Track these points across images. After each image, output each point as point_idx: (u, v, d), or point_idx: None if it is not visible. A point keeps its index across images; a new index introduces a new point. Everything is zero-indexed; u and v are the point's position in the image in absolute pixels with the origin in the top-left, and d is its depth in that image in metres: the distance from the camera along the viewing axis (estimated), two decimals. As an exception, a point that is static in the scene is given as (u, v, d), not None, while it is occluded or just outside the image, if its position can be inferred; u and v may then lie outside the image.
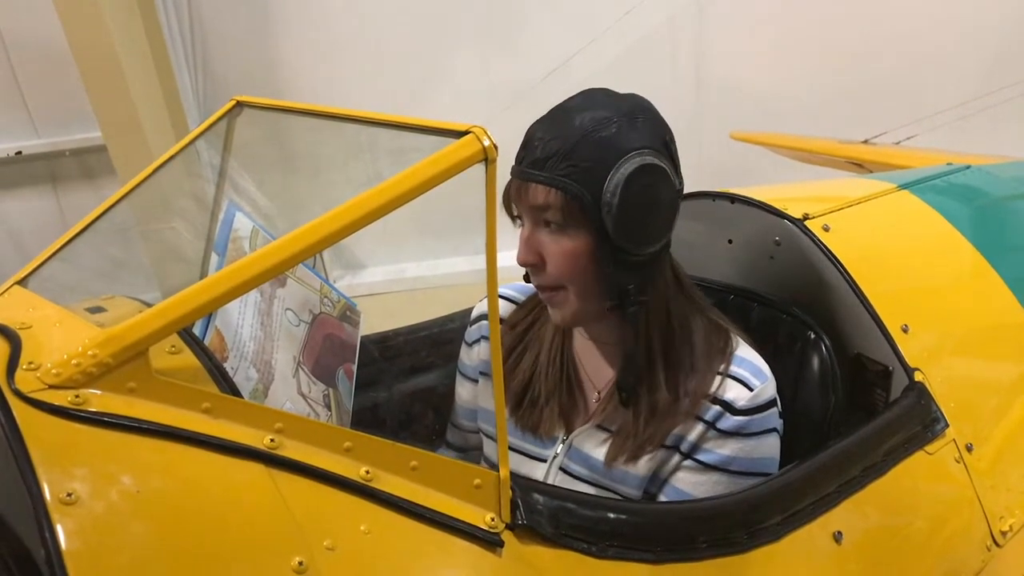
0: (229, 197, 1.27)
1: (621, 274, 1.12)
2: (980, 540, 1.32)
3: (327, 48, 4.40)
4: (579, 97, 1.14)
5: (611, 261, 1.11)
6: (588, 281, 1.14)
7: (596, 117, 1.08)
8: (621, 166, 1.06)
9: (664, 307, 1.19)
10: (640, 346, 1.18)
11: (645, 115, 1.11)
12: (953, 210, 1.69)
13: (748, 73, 4.40)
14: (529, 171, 1.10)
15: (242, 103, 1.25)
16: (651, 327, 1.18)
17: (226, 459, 0.78)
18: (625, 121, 1.09)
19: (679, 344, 1.19)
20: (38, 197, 4.53)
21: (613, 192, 1.06)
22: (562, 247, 1.11)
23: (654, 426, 1.17)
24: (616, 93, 1.15)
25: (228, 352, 1.03)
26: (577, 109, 1.11)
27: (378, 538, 0.82)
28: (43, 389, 0.76)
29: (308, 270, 1.32)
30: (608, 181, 1.06)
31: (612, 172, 1.06)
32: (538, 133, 1.11)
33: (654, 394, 1.18)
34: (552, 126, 1.10)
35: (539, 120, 1.14)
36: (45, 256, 1.11)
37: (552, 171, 1.07)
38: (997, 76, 3.84)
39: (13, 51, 4.15)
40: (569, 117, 1.10)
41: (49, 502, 0.68)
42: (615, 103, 1.11)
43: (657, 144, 1.10)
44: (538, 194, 1.09)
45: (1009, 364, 1.57)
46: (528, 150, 1.11)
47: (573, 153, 1.06)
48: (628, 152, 1.07)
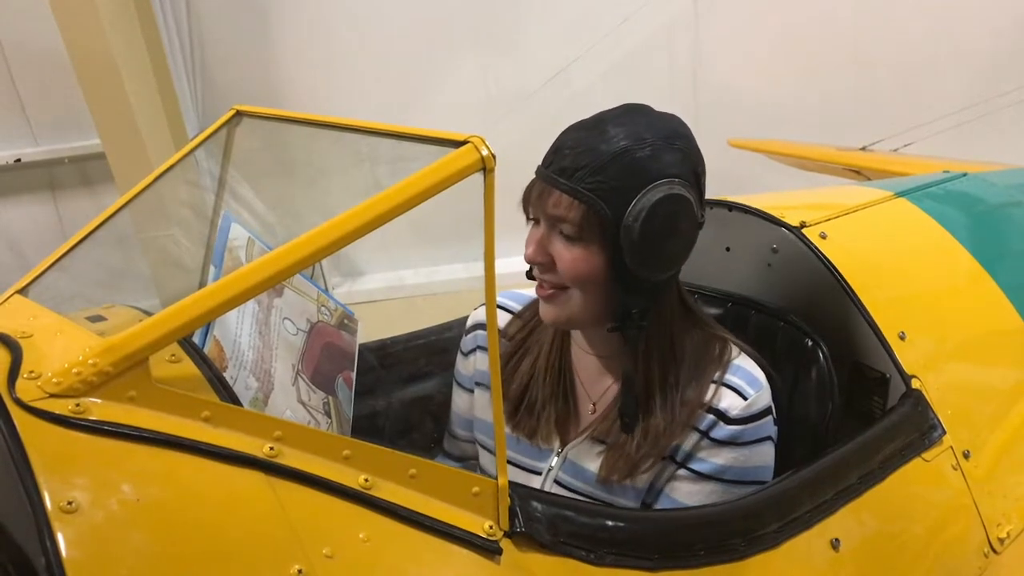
0: (226, 206, 1.27)
1: (628, 296, 1.12)
2: (977, 547, 1.32)
3: (326, 57, 4.41)
4: (619, 110, 1.12)
5: (619, 282, 1.11)
6: (592, 294, 1.13)
7: (633, 135, 1.06)
8: (649, 192, 1.05)
9: (667, 333, 1.18)
10: (639, 371, 1.17)
11: (682, 141, 1.10)
12: (950, 217, 1.69)
13: (746, 80, 4.41)
14: (555, 177, 1.08)
15: (242, 112, 1.25)
16: (651, 351, 1.17)
17: (225, 467, 0.78)
18: (662, 144, 1.07)
19: (678, 367, 1.18)
20: (37, 205, 4.53)
21: (636, 216, 1.05)
22: (574, 255, 1.10)
23: (648, 447, 1.16)
24: (657, 113, 1.13)
25: (227, 362, 1.04)
26: (615, 123, 1.09)
27: (377, 546, 0.82)
28: (44, 398, 0.76)
29: (305, 279, 1.33)
30: (633, 205, 1.05)
31: (639, 196, 1.05)
32: (570, 140, 1.09)
33: (649, 418, 1.17)
34: (586, 136, 1.08)
35: (574, 126, 1.12)
36: (46, 265, 1.11)
37: (579, 183, 1.06)
38: (994, 83, 3.85)
39: (12, 59, 4.15)
40: (606, 130, 1.08)
41: (50, 510, 0.68)
42: (655, 124, 1.09)
43: (688, 174, 1.09)
44: (560, 202, 1.08)
45: (1006, 371, 1.58)
46: (558, 155, 1.09)
47: (604, 169, 1.05)
48: (659, 178, 1.05)
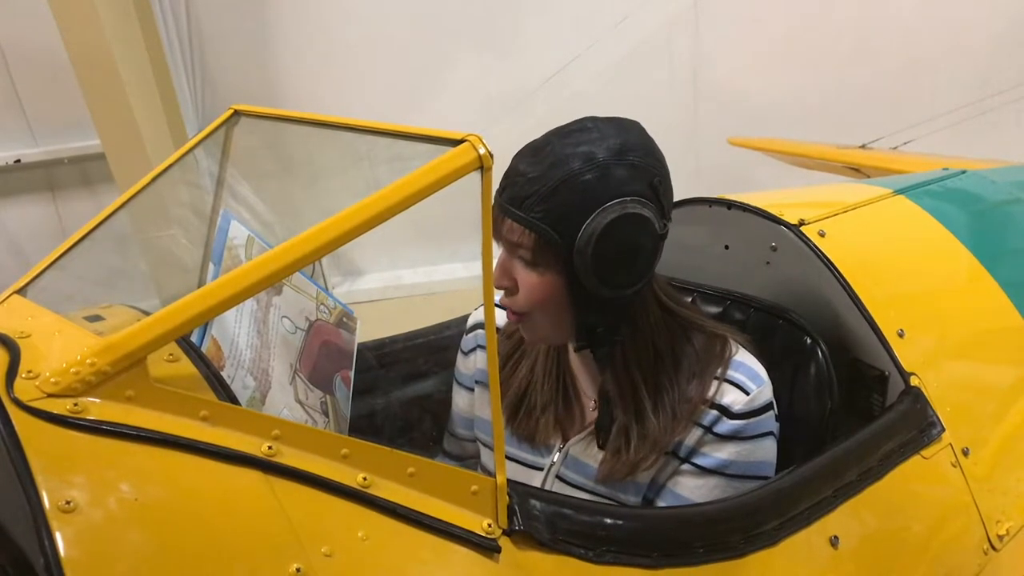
0: (226, 205, 1.27)
1: (590, 315, 1.12)
2: (977, 544, 1.32)
3: (325, 56, 4.41)
4: (570, 127, 1.10)
5: (581, 302, 1.10)
6: (557, 315, 1.13)
7: (582, 156, 1.04)
8: (599, 215, 1.03)
9: (648, 343, 1.17)
10: (621, 383, 1.17)
11: (636, 153, 1.07)
12: (949, 215, 1.69)
13: (745, 79, 4.40)
14: (507, 206, 1.08)
15: (240, 112, 1.25)
16: (629, 364, 1.17)
17: (224, 466, 0.78)
18: (613, 162, 1.05)
19: (669, 371, 1.18)
20: (37, 205, 4.53)
21: (587, 241, 1.04)
22: (532, 280, 1.10)
23: (646, 449, 1.16)
24: (609, 125, 1.10)
25: (224, 361, 1.03)
26: (563, 144, 1.07)
27: (376, 544, 0.82)
28: (42, 398, 0.76)
29: (304, 277, 1.33)
30: (583, 229, 1.04)
31: (589, 220, 1.03)
32: (521, 166, 1.08)
33: (643, 423, 1.17)
34: (534, 162, 1.07)
35: (525, 150, 1.10)
36: (44, 265, 1.11)
37: (528, 211, 1.05)
38: (993, 81, 3.86)
39: (12, 59, 4.15)
40: (554, 153, 1.06)
41: (48, 510, 0.68)
42: (605, 139, 1.06)
43: (643, 189, 1.06)
44: (513, 230, 1.08)
45: (1005, 368, 1.58)
46: (509, 182, 1.09)
47: (552, 196, 1.04)
48: (610, 200, 1.04)
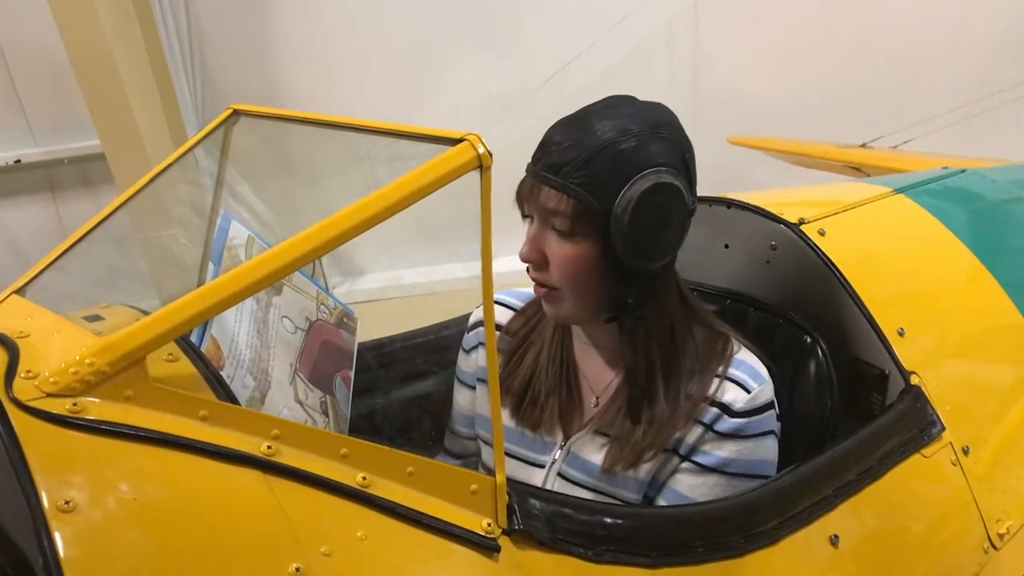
0: (225, 205, 1.27)
1: (622, 287, 1.13)
2: (977, 543, 1.32)
3: (325, 56, 4.41)
4: (603, 103, 1.13)
5: (614, 273, 1.11)
6: (588, 289, 1.14)
7: (618, 127, 1.07)
8: (636, 182, 1.05)
9: (667, 321, 1.18)
10: (638, 359, 1.18)
11: (668, 129, 1.10)
12: (949, 214, 1.69)
13: (746, 78, 4.40)
14: (544, 174, 1.09)
15: (239, 112, 1.25)
16: (651, 341, 1.17)
17: (223, 466, 0.78)
18: (647, 134, 1.07)
19: (680, 356, 1.19)
20: (37, 205, 4.53)
21: (625, 207, 1.05)
22: (566, 252, 1.11)
23: (652, 436, 1.17)
24: (642, 103, 1.14)
25: (224, 360, 1.03)
26: (600, 116, 1.09)
27: (375, 544, 0.82)
28: (41, 397, 0.76)
29: (304, 277, 1.33)
30: (621, 196, 1.06)
31: (627, 187, 1.05)
32: (556, 136, 1.10)
33: (653, 406, 1.18)
34: (572, 131, 1.09)
35: (560, 122, 1.13)
36: (43, 265, 1.11)
37: (567, 178, 1.07)
38: (993, 80, 3.86)
39: (11, 59, 4.15)
40: (591, 124, 1.08)
41: (47, 510, 0.68)
42: (639, 114, 1.10)
43: (675, 162, 1.09)
44: (550, 198, 1.09)
45: (1006, 367, 1.58)
46: (545, 152, 1.10)
47: (590, 163, 1.06)
48: (645, 168, 1.06)
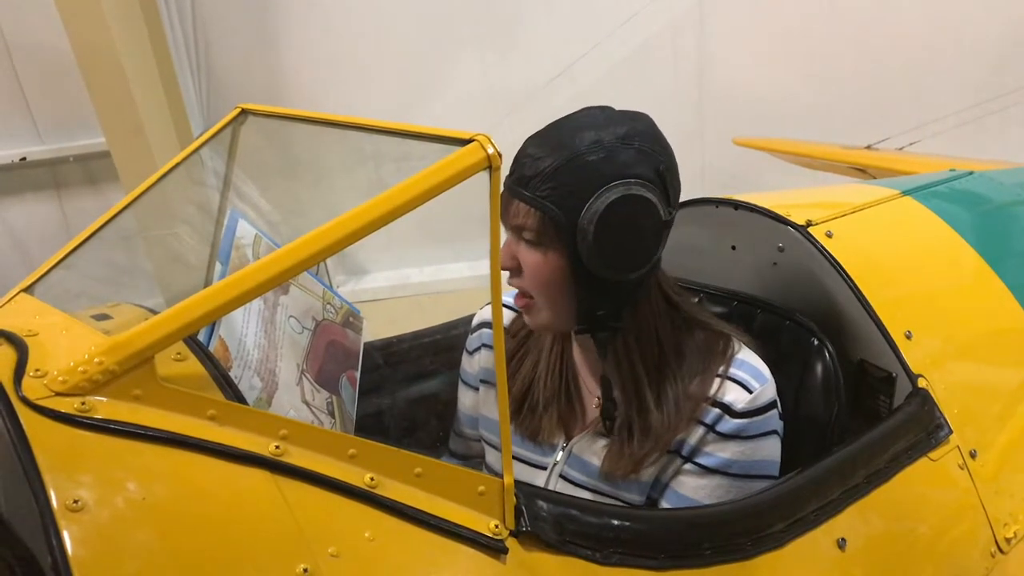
0: (232, 204, 1.27)
1: (592, 299, 1.12)
2: (984, 546, 1.32)
3: (331, 55, 4.40)
4: (577, 114, 1.13)
5: (583, 285, 1.11)
6: (560, 298, 1.14)
7: (587, 139, 1.06)
8: (603, 194, 1.05)
9: (651, 331, 1.18)
10: (622, 371, 1.17)
11: (642, 140, 1.09)
12: (956, 216, 1.68)
13: (751, 79, 4.39)
14: (514, 188, 1.10)
15: (247, 111, 1.25)
16: (632, 353, 1.17)
17: (231, 466, 0.78)
18: (618, 145, 1.06)
19: (672, 364, 1.18)
20: (42, 203, 4.53)
21: (591, 219, 1.05)
22: (536, 260, 1.11)
23: (650, 444, 1.16)
24: (617, 113, 1.13)
25: (232, 361, 1.03)
26: (571, 128, 1.09)
27: (382, 545, 0.82)
28: (50, 396, 0.76)
29: (311, 277, 1.33)
30: (587, 207, 1.05)
31: (593, 198, 1.05)
32: (528, 149, 1.10)
33: (645, 416, 1.17)
34: (543, 144, 1.09)
35: (532, 136, 1.13)
36: (51, 263, 1.11)
37: (534, 191, 1.07)
38: (1000, 81, 3.84)
39: (17, 57, 4.15)
40: (561, 136, 1.08)
41: (56, 509, 0.68)
42: (611, 125, 1.09)
43: (647, 173, 1.08)
44: (519, 211, 1.10)
45: (1013, 370, 1.57)
46: (517, 166, 1.11)
47: (556, 175, 1.06)
48: (613, 180, 1.05)
